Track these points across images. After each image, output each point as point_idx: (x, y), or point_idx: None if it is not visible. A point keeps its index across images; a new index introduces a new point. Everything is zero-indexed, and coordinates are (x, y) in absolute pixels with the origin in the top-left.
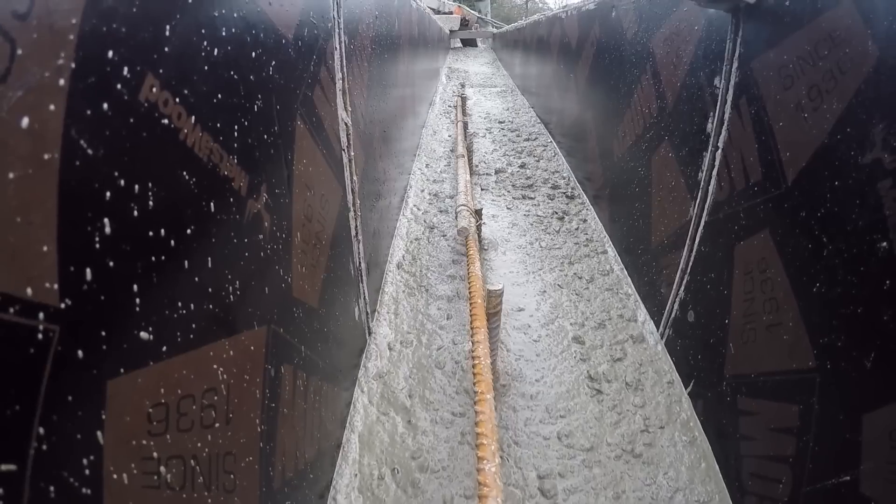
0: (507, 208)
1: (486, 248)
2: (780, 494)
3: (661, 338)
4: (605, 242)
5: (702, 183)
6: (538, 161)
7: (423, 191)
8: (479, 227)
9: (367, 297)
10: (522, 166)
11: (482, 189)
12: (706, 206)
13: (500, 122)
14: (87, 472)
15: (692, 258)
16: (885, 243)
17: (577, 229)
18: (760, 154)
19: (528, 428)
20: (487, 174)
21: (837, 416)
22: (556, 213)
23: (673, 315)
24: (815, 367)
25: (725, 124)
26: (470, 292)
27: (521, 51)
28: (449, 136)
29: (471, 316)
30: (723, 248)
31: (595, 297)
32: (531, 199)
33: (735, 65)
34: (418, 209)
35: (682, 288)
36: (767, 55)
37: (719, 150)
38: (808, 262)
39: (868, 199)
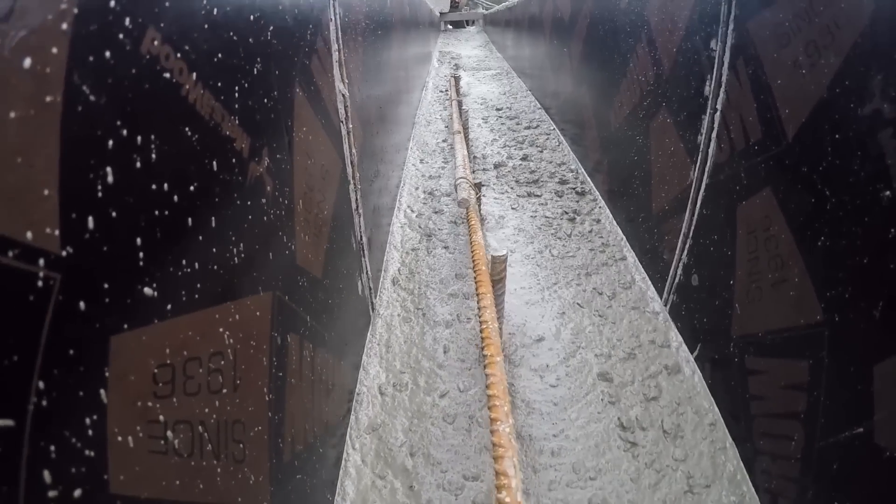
0: (512, 208)
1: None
2: (793, 452)
3: (665, 305)
4: (623, 246)
5: (701, 146)
6: (542, 152)
7: (417, 188)
8: (478, 199)
9: (369, 273)
10: (525, 158)
11: (482, 185)
12: (706, 169)
13: (497, 110)
14: (90, 432)
15: (694, 222)
16: (888, 192)
17: (590, 232)
18: (759, 113)
19: (553, 493)
20: (486, 168)
21: (848, 369)
22: (567, 212)
23: (677, 280)
24: (823, 321)
25: (723, 86)
26: (473, 260)
27: (513, 31)
28: (445, 126)
29: (476, 283)
30: (725, 210)
31: (620, 317)
32: (537, 196)
33: (731, 26)
34: (412, 210)
35: (686, 252)
36: (763, 15)
37: (718, 113)
38: (811, 216)
39: (869, 149)
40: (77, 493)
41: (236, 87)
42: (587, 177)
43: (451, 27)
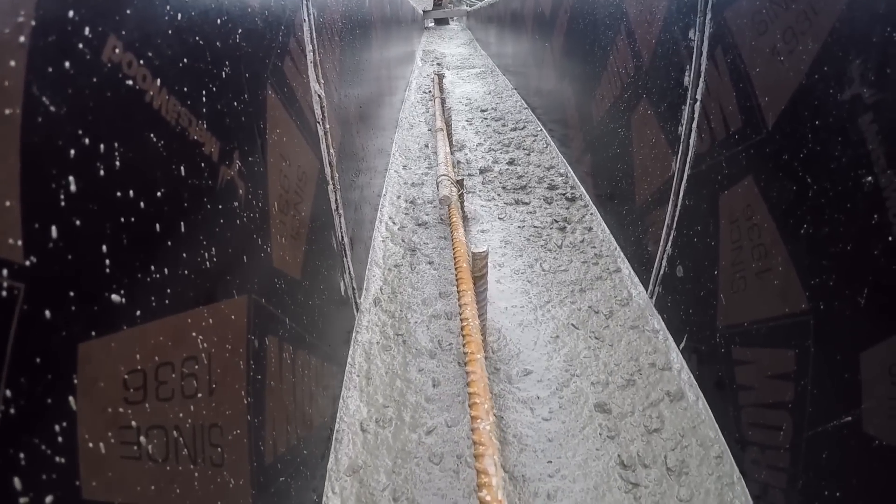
0: (499, 218)
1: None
2: (782, 441)
3: (651, 297)
4: (617, 256)
5: (682, 137)
6: (529, 154)
7: (398, 197)
8: (461, 197)
9: (352, 273)
10: (511, 162)
11: (468, 192)
12: (688, 160)
13: (482, 111)
14: (60, 439)
15: (677, 213)
16: (870, 178)
17: (582, 241)
18: (739, 102)
19: None
20: (471, 174)
21: (834, 357)
22: (556, 221)
23: (662, 272)
24: (809, 309)
25: (702, 76)
26: (455, 257)
27: (496, 27)
28: (428, 129)
29: (457, 279)
30: (707, 200)
31: (618, 338)
32: (525, 203)
33: (708, 16)
34: (394, 223)
35: (670, 244)
36: (740, 3)
37: (698, 103)
38: (793, 204)
39: (850, 135)
40: (49, 499)
41: (204, 92)
42: (577, 181)
43: (434, 24)
